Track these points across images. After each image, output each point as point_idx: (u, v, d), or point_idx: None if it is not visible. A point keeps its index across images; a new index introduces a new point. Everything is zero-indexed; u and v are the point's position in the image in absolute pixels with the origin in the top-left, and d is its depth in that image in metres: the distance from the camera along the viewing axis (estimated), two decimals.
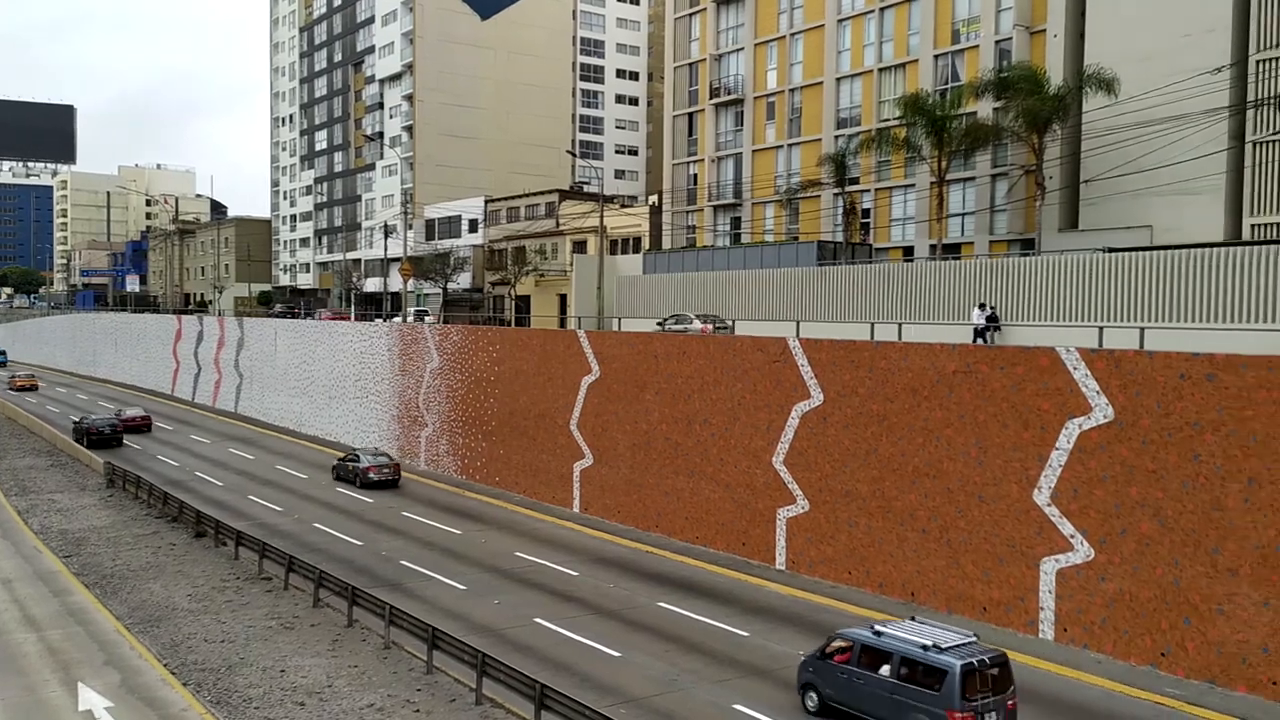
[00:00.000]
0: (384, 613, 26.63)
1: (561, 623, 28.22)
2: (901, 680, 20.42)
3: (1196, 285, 33.43)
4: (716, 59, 70.13)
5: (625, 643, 26.72)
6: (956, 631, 21.21)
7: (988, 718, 19.49)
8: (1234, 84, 42.52)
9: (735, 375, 35.91)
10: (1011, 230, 52.78)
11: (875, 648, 21.16)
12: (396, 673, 24.54)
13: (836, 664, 21.82)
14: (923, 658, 20.18)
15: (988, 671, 19.88)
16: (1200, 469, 23.75)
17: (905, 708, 20.13)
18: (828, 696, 21.88)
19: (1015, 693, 20.37)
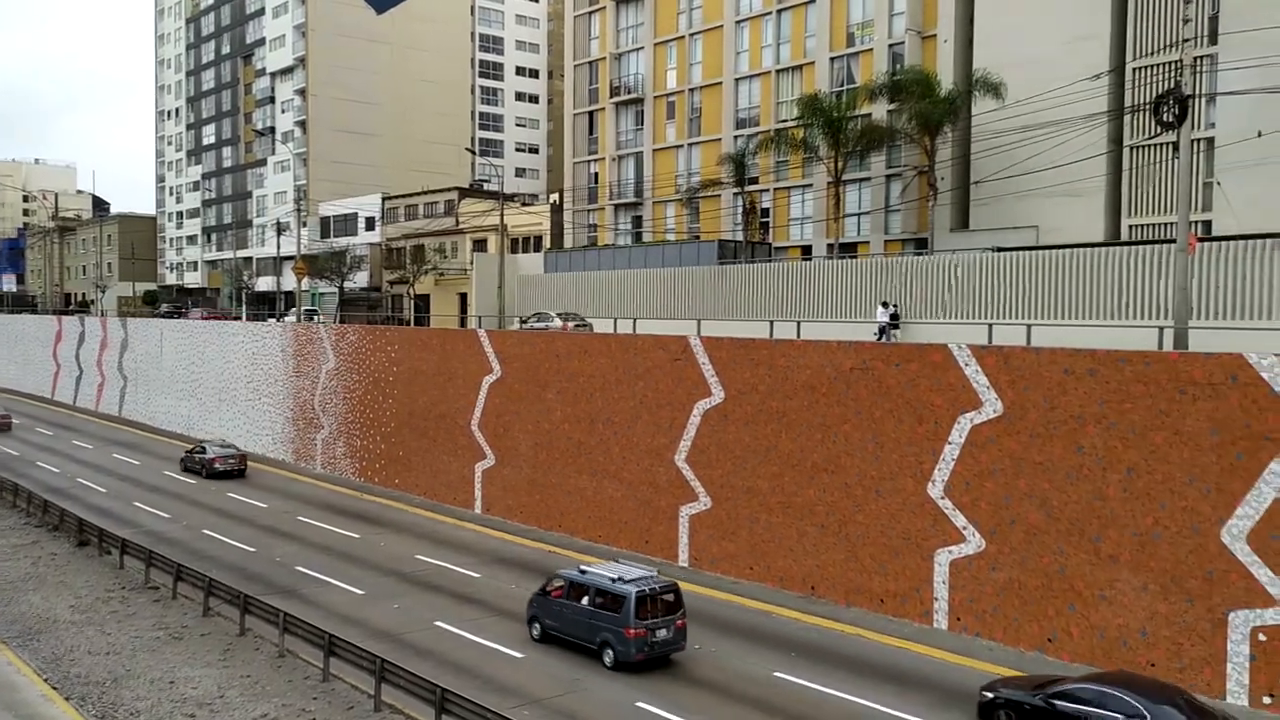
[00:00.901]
0: (278, 620, 25.90)
1: (463, 625, 27.85)
2: (596, 608, 25.03)
3: (1079, 283, 34.69)
4: (616, 58, 70.19)
5: (528, 644, 26.50)
6: (643, 569, 25.91)
7: (658, 633, 24.42)
8: (1113, 90, 44.27)
9: (637, 374, 35.95)
10: (906, 230, 54.05)
11: (580, 583, 25.78)
12: (292, 681, 23.88)
13: (553, 599, 26.39)
14: (610, 588, 24.87)
15: (660, 597, 24.74)
16: (1083, 460, 24.62)
17: (598, 629, 24.91)
18: (548, 626, 26.38)
19: (684, 615, 25.19)
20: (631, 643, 24.08)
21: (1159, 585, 23.31)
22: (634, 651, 24.13)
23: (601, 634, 24.75)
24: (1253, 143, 38.26)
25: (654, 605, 24.55)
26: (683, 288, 48.36)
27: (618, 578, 25.04)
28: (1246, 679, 22.03)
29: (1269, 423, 21.77)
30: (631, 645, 24.10)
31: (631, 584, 24.71)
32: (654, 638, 24.36)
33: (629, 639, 24.09)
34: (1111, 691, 19.23)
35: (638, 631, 24.05)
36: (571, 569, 26.70)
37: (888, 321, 36.86)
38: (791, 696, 22.99)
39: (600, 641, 24.82)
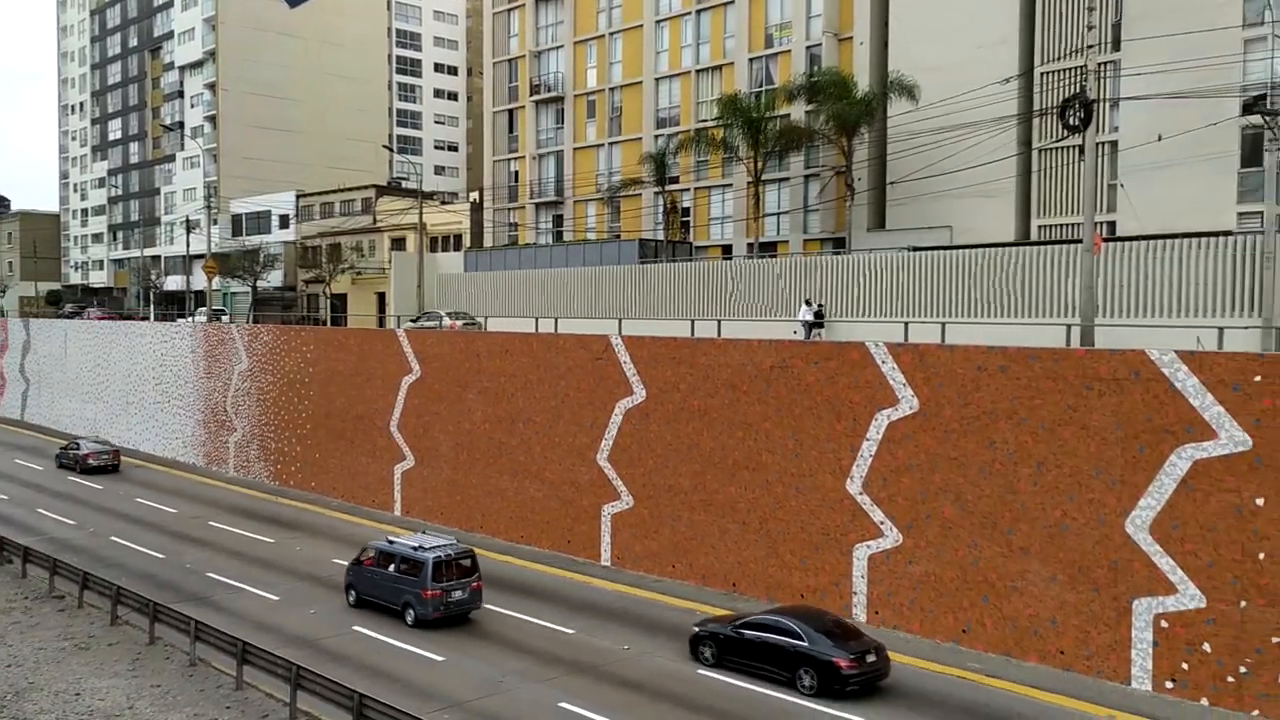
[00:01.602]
0: (189, 628, 25.21)
1: (382, 629, 27.43)
2: (400, 573, 27.93)
3: (991, 282, 35.53)
4: (536, 56, 69.87)
5: (448, 646, 26.21)
6: (444, 539, 28.97)
7: (454, 594, 27.48)
8: (1022, 94, 45.45)
9: (559, 373, 35.81)
10: (824, 229, 54.78)
11: (387, 552, 28.72)
12: (204, 690, 23.27)
13: (366, 568, 29.17)
14: (412, 555, 27.81)
15: (456, 562, 27.73)
16: (996, 455, 25.21)
17: (401, 592, 27.85)
18: (362, 592, 29.17)
19: (480, 578, 28.32)
20: (429, 603, 27.18)
21: (1067, 575, 23.98)
22: (431, 611, 27.18)
23: (404, 596, 27.77)
24: (1154, 146, 39.60)
25: (450, 569, 27.63)
26: (604, 287, 48.33)
27: (419, 546, 28.13)
28: (1150, 664, 22.78)
29: (1169, 416, 22.54)
30: (429, 605, 27.19)
31: (430, 551, 27.69)
32: (450, 598, 27.45)
33: (426, 599, 27.18)
34: (778, 619, 24.03)
35: (434, 593, 27.13)
36: (381, 540, 29.90)
37: (812, 320, 37.27)
38: (714, 693, 23.11)
39: (403, 603, 27.81)
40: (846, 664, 22.44)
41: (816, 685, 22.62)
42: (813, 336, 36.48)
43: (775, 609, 25.45)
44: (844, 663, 22.44)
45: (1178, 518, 22.39)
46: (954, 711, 21.92)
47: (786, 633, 23.49)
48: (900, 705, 22.45)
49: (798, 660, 23.03)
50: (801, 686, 22.83)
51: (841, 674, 22.38)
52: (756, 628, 24.06)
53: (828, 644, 22.88)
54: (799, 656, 23.02)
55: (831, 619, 24.42)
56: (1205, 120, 38.56)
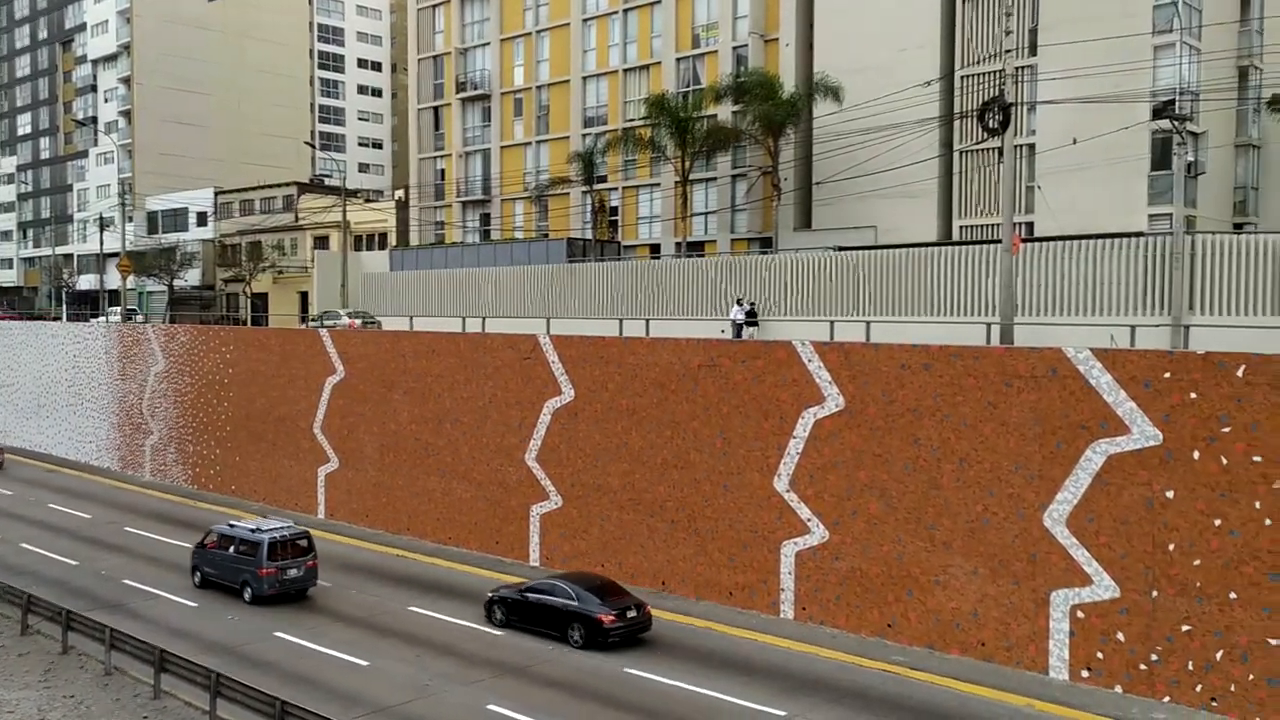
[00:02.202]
0: (104, 636, 24.46)
1: (304, 635, 26.92)
2: (239, 554, 30.00)
3: (915, 281, 36.14)
4: (462, 53, 69.25)
5: (373, 650, 25.82)
6: (281, 521, 31.37)
7: (289, 572, 29.55)
8: (944, 96, 46.32)
9: (486, 373, 35.52)
10: (751, 229, 55.21)
11: (228, 535, 30.73)
12: (120, 700, 22.60)
13: (209, 550, 31.14)
14: (249, 537, 29.90)
15: (292, 543, 29.84)
16: (919, 452, 25.62)
17: (240, 571, 29.87)
18: (206, 573, 31.17)
19: (315, 557, 30.33)
20: (264, 580, 29.20)
21: (988, 569, 24.48)
22: (266, 588, 29.22)
23: (242, 575, 29.80)
24: (1069, 149, 40.66)
25: (285, 549, 29.69)
26: (532, 286, 48.10)
27: (256, 528, 30.29)
28: (1067, 654, 23.35)
29: (1084, 412, 23.13)
30: (264, 582, 29.20)
31: (266, 533, 29.78)
32: (285, 576, 29.52)
33: (262, 577, 29.21)
34: (555, 583, 27.09)
35: (269, 570, 29.16)
36: (223, 524, 31.87)
37: (744, 319, 37.48)
38: (642, 690, 23.12)
39: (241, 581, 29.87)
40: (609, 619, 25.62)
41: (584, 639, 25.73)
42: (746, 336, 36.71)
43: (555, 575, 28.85)
44: (606, 618, 25.62)
45: (1093, 511, 22.99)
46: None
47: (560, 594, 26.56)
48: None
49: (569, 618, 26.12)
50: (572, 640, 25.92)
51: (604, 628, 25.57)
52: (538, 591, 27.10)
53: (595, 603, 25.95)
54: (570, 614, 26.13)
55: (601, 581, 27.49)
56: (1118, 125, 39.70)
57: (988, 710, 21.90)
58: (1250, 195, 47.79)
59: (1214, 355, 21.85)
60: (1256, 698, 20.99)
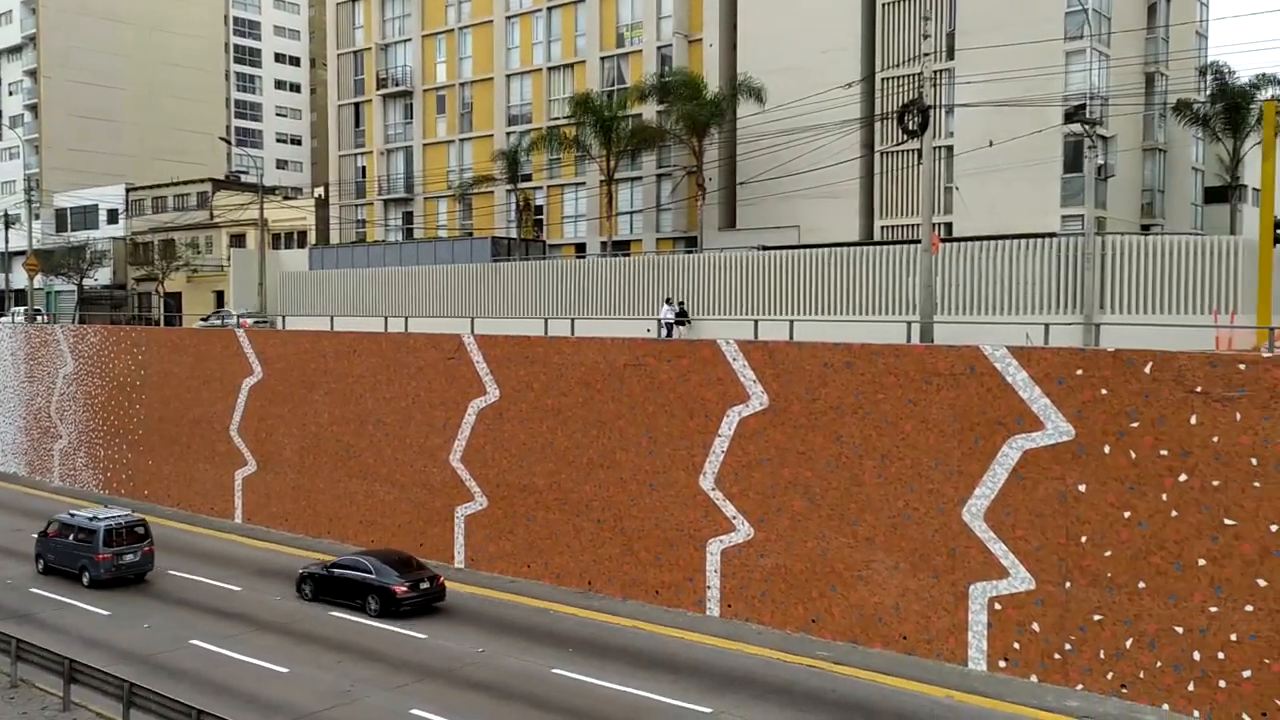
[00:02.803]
0: (9, 647, 23.54)
1: (222, 642, 26.26)
2: (78, 541, 31.57)
3: (837, 280, 36.61)
4: (383, 48, 68.30)
5: (293, 657, 25.29)
6: (121, 511, 33.21)
7: (125, 557, 31.25)
8: (865, 98, 47.01)
9: (409, 373, 35.07)
10: (677, 228, 55.40)
11: (68, 523, 32.22)
12: (27, 714, 21.78)
13: (51, 538, 32.54)
14: (87, 525, 31.52)
15: (128, 530, 31.61)
16: (842, 449, 25.94)
17: (79, 557, 31.47)
18: (49, 560, 32.53)
19: (151, 544, 32.14)
20: (101, 565, 30.82)
21: (909, 563, 24.88)
22: (103, 572, 30.84)
23: (81, 560, 31.31)
24: (986, 151, 41.58)
25: (121, 536, 31.37)
26: (456, 285, 47.64)
27: (94, 516, 31.88)
28: (985, 645, 23.86)
29: (1001, 409, 23.65)
30: (100, 567, 30.84)
31: (103, 520, 31.42)
32: (121, 561, 31.17)
33: (99, 562, 30.82)
34: (356, 559, 29.65)
35: (105, 556, 30.79)
36: (63, 513, 33.22)
37: (674, 319, 37.55)
38: (569, 691, 23.03)
39: (80, 566, 31.41)
40: (401, 590, 28.16)
41: (379, 608, 28.18)
42: (676, 335, 36.80)
43: (359, 551, 31.48)
44: (399, 589, 28.15)
45: (1009, 505, 23.51)
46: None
47: (360, 569, 29.04)
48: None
49: (367, 590, 28.53)
50: (369, 610, 28.32)
51: (397, 598, 28.08)
52: (341, 567, 29.60)
53: (391, 576, 28.45)
54: (368, 587, 28.55)
55: (400, 557, 30.09)
56: (1032, 128, 40.72)
57: (909, 702, 22.26)
58: (1157, 198, 49.39)
59: (1123, 353, 22.51)
60: (1164, 684, 21.68)
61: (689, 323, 38.24)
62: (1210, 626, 21.17)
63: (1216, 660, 21.14)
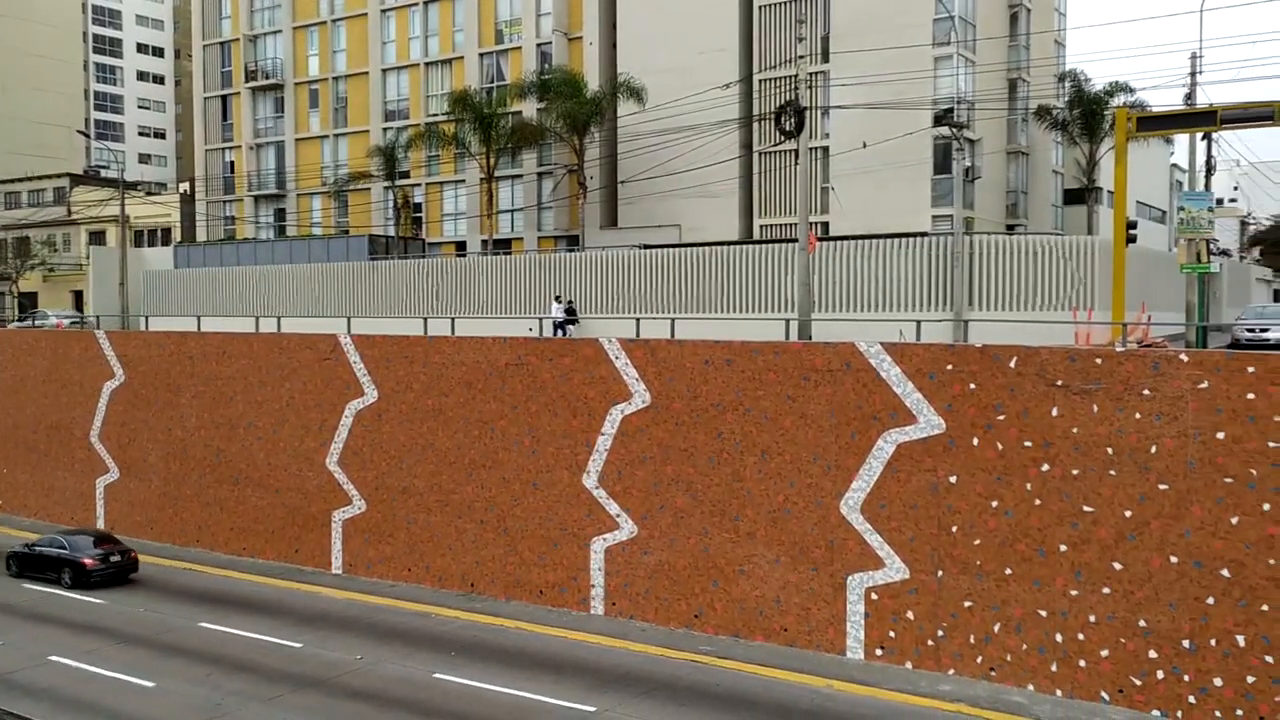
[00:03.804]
0: None
1: (83, 658, 25.02)
2: None
3: (717, 279, 37.00)
4: (251, 40, 66.15)
5: (160, 671, 24.26)
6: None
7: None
8: (743, 99, 47.64)
9: (283, 375, 34.02)
10: (558, 227, 55.21)
11: None
12: None
13: None
14: None
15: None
16: (723, 445, 26.22)
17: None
18: None
19: None
20: None
21: (789, 557, 25.31)
22: None
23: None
24: (860, 152, 42.64)
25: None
26: (332, 284, 46.47)
27: None
28: (862, 635, 24.44)
29: (876, 404, 24.26)
30: None
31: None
32: None
33: None
34: (55, 537, 32.58)
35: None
36: None
37: (563, 317, 37.35)
38: (451, 695, 22.68)
39: None
40: (90, 562, 31.13)
41: (72, 579, 31.05)
42: (569, 334, 36.63)
43: (61, 530, 34.40)
44: (89, 562, 31.12)
45: (884, 497, 24.13)
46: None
47: (58, 546, 31.83)
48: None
49: (61, 564, 31.34)
50: (63, 582, 31.12)
51: (87, 570, 31.03)
52: (43, 545, 32.34)
53: (84, 551, 31.33)
54: (62, 561, 31.38)
55: (98, 535, 33.30)
56: (903, 130, 41.92)
57: (790, 693, 22.64)
58: (1021, 199, 51.46)
59: (990, 348, 23.34)
60: (1029, 665, 22.57)
61: (577, 321, 38.16)
62: (1071, 609, 22.12)
63: (1077, 641, 22.10)
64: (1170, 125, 32.48)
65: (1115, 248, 29.93)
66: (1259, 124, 28.23)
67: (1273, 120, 26.98)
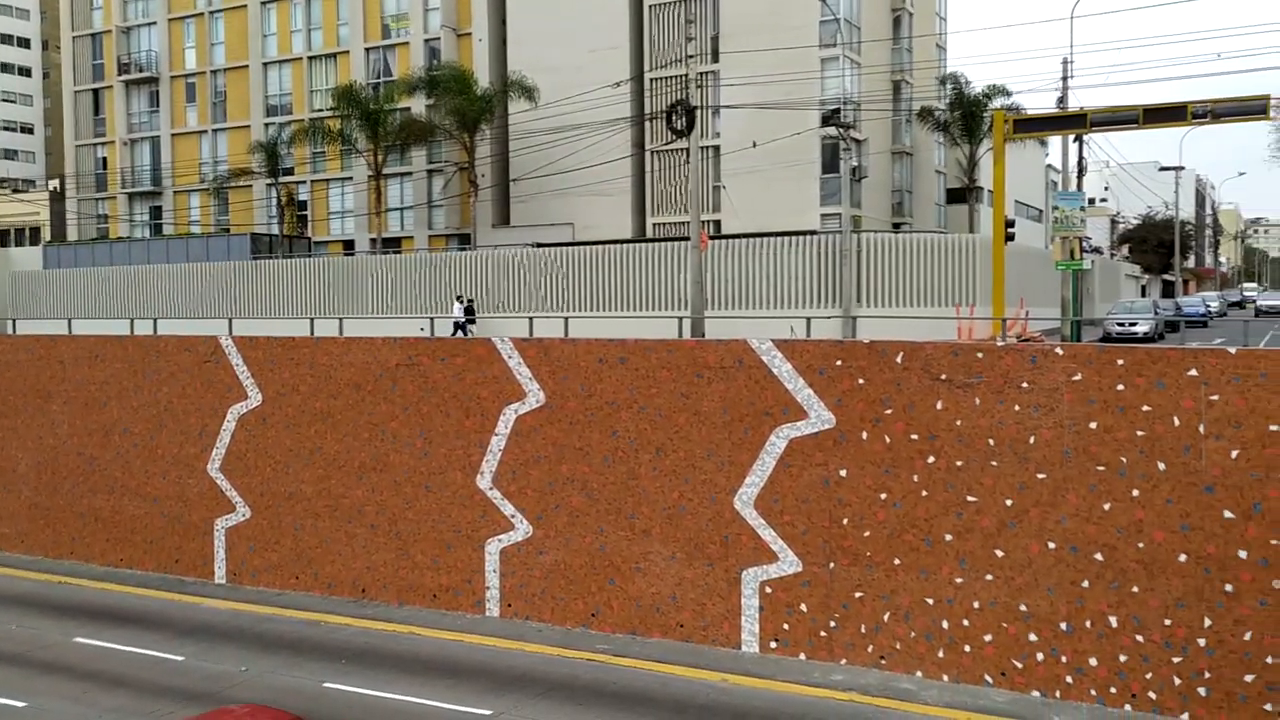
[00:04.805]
0: None
1: None
2: None
3: (611, 277, 37.01)
4: (124, 31, 63.62)
5: (31, 690, 23.09)
6: None
7: None
8: (634, 98, 47.78)
9: (161, 378, 32.77)
10: (450, 225, 54.55)
11: None
12: None
13: None
14: None
15: None
16: (618, 444, 26.22)
17: None
18: None
19: None
20: None
21: (685, 553, 25.45)
22: None
23: None
24: (751, 152, 43.20)
25: None
26: (213, 284, 45.02)
27: None
28: (757, 628, 24.73)
29: (768, 400, 24.56)
30: None
31: None
32: None
33: None
34: None
35: None
36: None
37: (464, 317, 36.87)
38: (341, 704, 22.15)
39: None
40: None
41: None
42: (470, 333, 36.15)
43: None
44: None
45: (777, 492, 24.46)
46: None
47: None
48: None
49: None
50: None
51: None
52: None
53: None
54: None
55: None
56: (792, 130, 42.60)
57: (686, 688, 22.77)
58: (905, 198, 52.82)
59: (878, 344, 23.85)
60: (917, 652, 23.16)
61: (475, 320, 37.76)
62: (956, 597, 22.77)
63: (962, 627, 22.77)
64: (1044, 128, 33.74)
65: (995, 246, 30.91)
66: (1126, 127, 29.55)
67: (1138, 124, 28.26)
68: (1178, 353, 19.77)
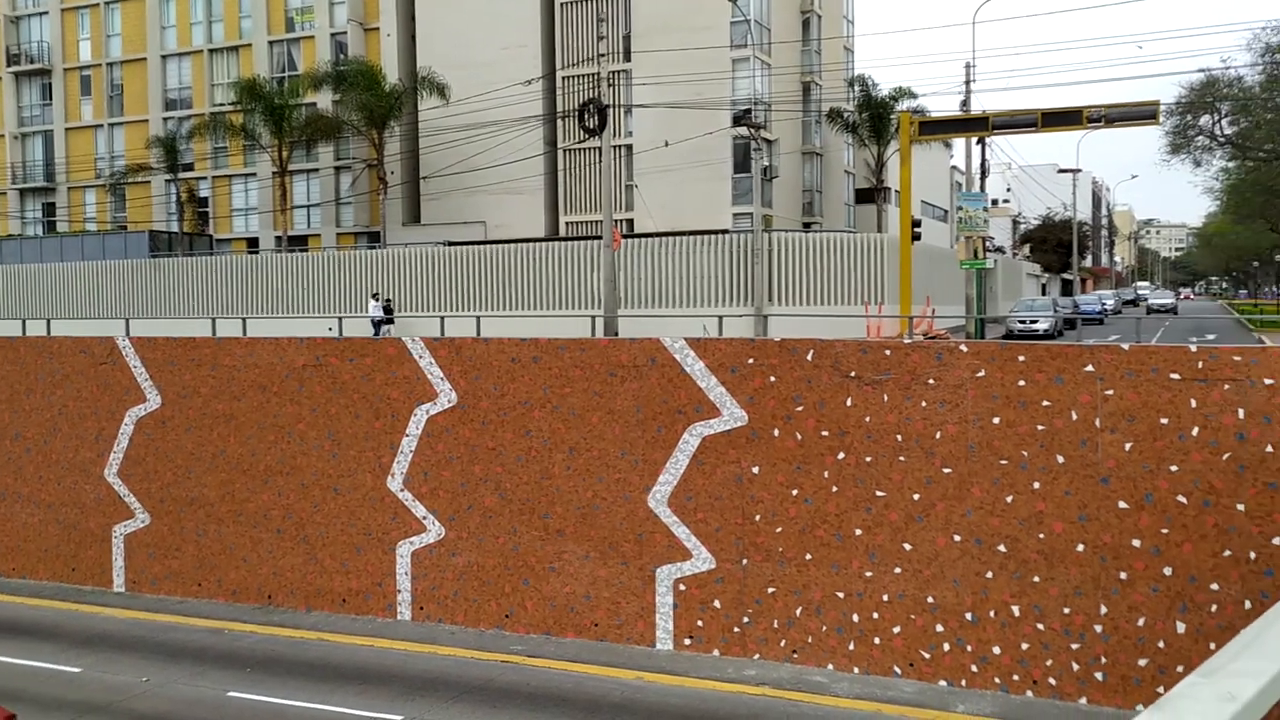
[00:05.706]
0: None
1: None
2: None
3: (524, 276, 36.79)
4: (14, 20, 61.10)
5: None
6: None
7: None
8: (546, 96, 47.57)
9: (54, 381, 31.52)
10: (358, 223, 53.61)
11: None
12: None
13: None
14: None
15: None
16: (531, 443, 26.04)
17: None
18: None
19: None
20: None
21: (599, 552, 25.40)
22: None
23: None
24: (663, 151, 43.35)
25: None
26: (109, 283, 43.52)
27: None
28: (671, 626, 24.80)
29: (681, 398, 24.65)
30: None
31: None
32: None
33: None
34: None
35: None
36: None
37: (381, 316, 36.23)
38: (247, 714, 21.56)
39: None
40: None
41: None
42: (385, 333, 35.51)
43: None
44: None
45: (691, 490, 24.56)
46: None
47: None
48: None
49: None
50: None
51: None
52: None
53: None
54: None
55: None
56: (704, 130, 42.88)
57: (601, 687, 22.72)
58: (816, 198, 53.58)
59: (789, 342, 24.11)
60: (829, 646, 23.49)
61: (393, 320, 37.17)
62: (866, 590, 23.15)
63: (872, 620, 23.16)
64: (948, 130, 34.54)
65: (902, 245, 31.52)
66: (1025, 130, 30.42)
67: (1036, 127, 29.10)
68: (1075, 349, 20.40)
